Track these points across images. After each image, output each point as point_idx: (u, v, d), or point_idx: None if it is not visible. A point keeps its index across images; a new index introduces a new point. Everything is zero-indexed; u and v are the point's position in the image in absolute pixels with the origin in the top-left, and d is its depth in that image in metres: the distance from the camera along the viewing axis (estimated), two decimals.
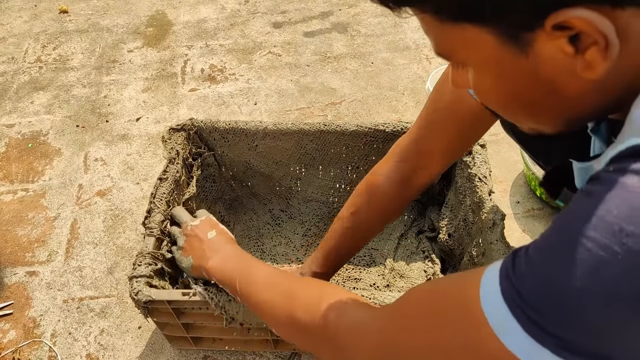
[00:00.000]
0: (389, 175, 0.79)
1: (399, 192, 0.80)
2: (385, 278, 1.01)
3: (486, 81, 0.41)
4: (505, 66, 0.38)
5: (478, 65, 0.41)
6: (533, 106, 0.41)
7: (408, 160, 0.77)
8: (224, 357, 0.93)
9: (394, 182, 0.79)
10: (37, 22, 1.85)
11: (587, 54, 0.34)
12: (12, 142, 1.39)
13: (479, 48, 0.38)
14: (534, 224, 1.14)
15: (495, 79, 0.40)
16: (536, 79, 0.38)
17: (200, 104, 1.49)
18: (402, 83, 1.53)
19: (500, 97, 0.42)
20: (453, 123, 0.70)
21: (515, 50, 0.37)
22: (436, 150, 0.74)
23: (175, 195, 0.94)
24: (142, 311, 0.78)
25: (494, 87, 0.41)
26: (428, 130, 0.74)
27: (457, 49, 0.40)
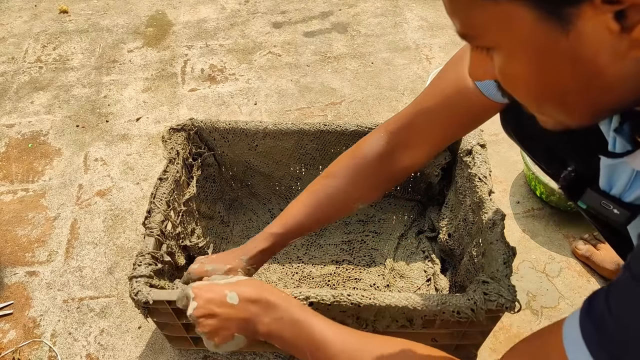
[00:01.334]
0: (372, 147, 0.75)
1: (381, 167, 0.76)
2: (385, 278, 1.01)
3: (518, 66, 0.38)
4: (542, 47, 0.35)
5: (510, 47, 0.37)
6: (567, 94, 0.38)
7: (394, 134, 0.74)
8: (224, 357, 0.93)
9: (376, 155, 0.75)
10: (37, 22, 1.85)
11: (636, 32, 0.32)
12: (12, 142, 1.39)
13: (513, 27, 0.35)
14: (534, 224, 1.14)
15: (528, 63, 0.37)
16: (575, 61, 0.35)
17: (200, 104, 1.49)
18: (402, 83, 1.53)
19: (531, 85, 0.39)
20: (446, 108, 0.69)
21: (555, 29, 0.34)
22: (427, 132, 0.73)
23: (175, 195, 0.94)
24: (142, 311, 0.78)
25: (526, 73, 0.38)
26: (418, 110, 0.72)
27: (488, 28, 0.37)
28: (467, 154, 0.94)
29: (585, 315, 0.38)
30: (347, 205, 0.79)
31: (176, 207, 0.94)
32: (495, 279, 0.74)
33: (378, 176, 0.77)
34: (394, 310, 0.73)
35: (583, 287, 1.02)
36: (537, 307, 1.00)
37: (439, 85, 0.70)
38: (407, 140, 0.74)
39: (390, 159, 0.75)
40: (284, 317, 0.62)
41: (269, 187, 1.13)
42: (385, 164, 0.75)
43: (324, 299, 0.73)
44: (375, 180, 0.77)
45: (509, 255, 0.76)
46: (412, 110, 0.73)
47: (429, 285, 1.00)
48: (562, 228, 1.13)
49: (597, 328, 0.36)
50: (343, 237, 1.09)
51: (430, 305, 0.72)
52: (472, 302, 0.71)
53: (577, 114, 0.40)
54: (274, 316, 0.63)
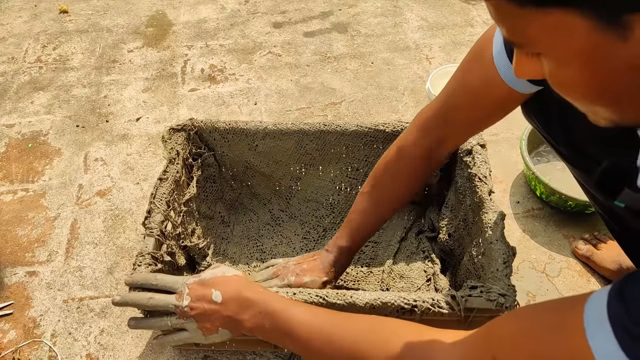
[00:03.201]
0: (413, 148, 0.81)
1: (422, 164, 0.83)
2: (384, 282, 1.01)
3: (571, 72, 0.37)
4: (598, 55, 0.34)
5: (564, 54, 0.36)
6: (623, 97, 0.38)
7: (430, 132, 0.79)
8: (224, 357, 0.93)
9: (418, 154, 0.81)
10: (37, 22, 1.85)
11: None
12: (12, 142, 1.39)
13: (566, 36, 0.34)
14: (534, 224, 1.14)
15: (583, 69, 0.36)
16: (633, 66, 0.34)
17: (200, 104, 1.49)
18: (402, 83, 1.53)
19: (586, 89, 0.38)
20: (475, 101, 0.70)
21: (612, 36, 0.33)
22: (457, 123, 0.76)
23: (175, 196, 0.94)
24: (142, 311, 0.78)
25: (580, 79, 0.37)
26: (449, 104, 0.75)
27: (539, 37, 0.36)
28: (467, 154, 0.94)
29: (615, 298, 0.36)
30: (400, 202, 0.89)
31: (176, 207, 0.94)
32: (495, 278, 0.74)
33: (421, 173, 0.84)
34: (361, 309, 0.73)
35: (583, 287, 1.02)
36: None
37: (466, 79, 0.71)
38: (442, 136, 0.79)
39: (431, 156, 0.82)
40: (262, 311, 0.67)
41: (269, 188, 1.13)
42: (428, 162, 0.83)
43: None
44: (419, 177, 0.85)
45: (509, 255, 0.76)
46: (442, 104, 0.76)
47: (429, 285, 1.00)
48: (562, 228, 1.13)
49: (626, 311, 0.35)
50: None
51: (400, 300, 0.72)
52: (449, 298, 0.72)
53: (631, 113, 0.40)
54: (253, 312, 0.67)
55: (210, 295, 0.69)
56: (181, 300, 0.70)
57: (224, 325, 0.70)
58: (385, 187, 0.84)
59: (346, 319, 0.63)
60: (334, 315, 0.64)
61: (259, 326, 0.67)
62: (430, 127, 0.79)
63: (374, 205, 0.85)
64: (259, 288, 0.70)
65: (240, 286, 0.70)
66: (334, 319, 0.64)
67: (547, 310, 0.43)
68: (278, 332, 0.65)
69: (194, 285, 0.71)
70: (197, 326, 0.70)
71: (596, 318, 0.36)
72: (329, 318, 0.64)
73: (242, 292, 0.69)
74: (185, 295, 0.70)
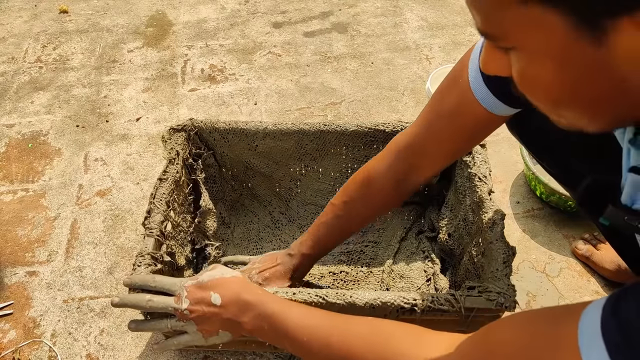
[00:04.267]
0: (385, 173, 0.79)
1: (394, 190, 0.80)
2: (384, 282, 1.01)
3: (540, 70, 0.36)
4: (571, 56, 0.34)
5: (535, 50, 0.36)
6: (590, 103, 0.37)
7: (404, 160, 0.77)
8: (224, 357, 0.93)
9: (390, 179, 0.79)
10: (37, 22, 1.85)
11: None
12: (12, 142, 1.39)
13: (543, 33, 0.34)
14: (534, 224, 1.14)
15: (553, 69, 0.36)
16: (604, 71, 0.34)
17: (200, 104, 1.49)
18: (402, 83, 1.53)
19: (553, 90, 0.37)
20: (454, 128, 0.69)
21: (588, 39, 0.32)
22: (433, 152, 0.74)
23: (175, 196, 0.94)
24: (141, 313, 0.78)
25: (549, 78, 0.36)
26: (427, 132, 0.73)
27: (514, 31, 0.35)
28: (467, 154, 0.94)
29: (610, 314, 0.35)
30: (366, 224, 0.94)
31: (176, 207, 0.94)
32: (495, 278, 0.74)
33: (392, 197, 0.83)
34: (361, 309, 0.73)
35: (583, 287, 1.02)
36: (537, 307, 1.00)
37: (443, 103, 0.70)
38: (417, 162, 0.76)
39: (401, 183, 0.79)
40: (261, 313, 0.66)
41: (269, 188, 1.13)
42: (397, 188, 0.80)
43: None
44: (390, 201, 0.84)
45: (509, 255, 0.76)
46: (419, 131, 0.74)
47: (429, 285, 1.00)
48: (562, 228, 1.13)
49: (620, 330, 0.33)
50: (342, 248, 1.08)
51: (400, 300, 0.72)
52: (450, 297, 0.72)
53: (596, 121, 0.39)
54: (252, 314, 0.67)
55: (209, 298, 0.69)
56: (180, 303, 0.70)
57: (224, 328, 0.70)
58: (355, 207, 0.83)
59: (344, 321, 0.63)
60: (332, 318, 0.64)
61: (259, 328, 0.67)
62: (405, 154, 0.77)
63: (342, 221, 0.85)
64: (258, 290, 0.70)
65: (239, 288, 0.69)
66: (332, 321, 0.63)
67: (543, 320, 0.42)
68: (277, 334, 0.65)
69: (193, 288, 0.70)
70: (197, 328, 0.70)
71: (590, 334, 0.35)
72: (327, 320, 0.64)
73: (241, 294, 0.68)
74: (184, 298, 0.70)
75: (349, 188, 0.84)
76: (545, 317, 0.43)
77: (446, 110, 0.69)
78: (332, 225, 0.86)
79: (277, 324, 0.65)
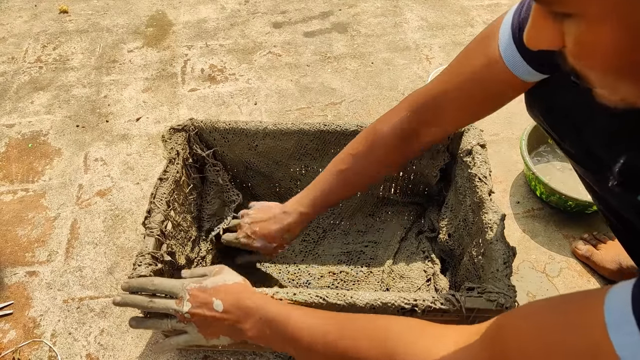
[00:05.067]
0: (395, 125, 0.76)
1: (402, 145, 0.78)
2: (384, 282, 1.01)
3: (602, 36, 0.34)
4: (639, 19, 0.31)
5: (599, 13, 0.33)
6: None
7: (419, 113, 0.74)
8: (224, 357, 0.93)
9: (399, 133, 0.76)
10: (37, 22, 1.85)
11: None
12: (12, 142, 1.39)
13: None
14: (534, 224, 1.14)
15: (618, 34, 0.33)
16: None
17: (200, 104, 1.49)
18: (402, 83, 1.53)
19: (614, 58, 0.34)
20: (475, 90, 0.67)
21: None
22: (447, 110, 0.71)
23: (175, 195, 0.94)
24: (142, 312, 0.78)
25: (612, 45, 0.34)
26: (445, 90, 0.70)
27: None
28: (467, 154, 0.94)
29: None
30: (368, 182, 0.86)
31: (176, 206, 0.94)
32: (495, 279, 0.74)
33: (398, 154, 0.80)
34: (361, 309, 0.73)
35: (583, 287, 1.02)
36: None
37: (466, 63, 0.68)
38: (430, 118, 0.74)
39: (411, 139, 0.77)
40: (262, 318, 0.66)
41: (269, 189, 1.13)
42: (406, 144, 0.78)
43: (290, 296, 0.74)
44: (396, 158, 0.81)
45: (509, 255, 0.76)
46: (437, 88, 0.72)
47: (429, 285, 1.00)
48: (562, 228, 1.13)
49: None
50: (342, 248, 1.08)
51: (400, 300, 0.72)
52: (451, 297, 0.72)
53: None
54: (253, 320, 0.67)
55: (211, 303, 0.68)
56: (181, 306, 0.70)
57: (225, 333, 0.70)
58: (359, 160, 0.81)
59: (346, 319, 0.62)
60: (334, 316, 0.64)
61: (261, 333, 0.66)
62: (418, 109, 0.74)
63: (345, 175, 0.82)
64: (259, 295, 0.70)
65: (241, 294, 0.69)
66: (334, 320, 0.63)
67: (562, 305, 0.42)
68: (279, 339, 0.65)
69: (195, 292, 0.70)
70: (197, 330, 0.70)
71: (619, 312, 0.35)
72: (329, 320, 0.63)
73: (243, 300, 0.68)
74: (186, 301, 0.69)
75: (354, 141, 0.82)
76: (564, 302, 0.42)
77: (470, 72, 0.66)
78: (333, 180, 0.83)
79: (279, 328, 0.64)
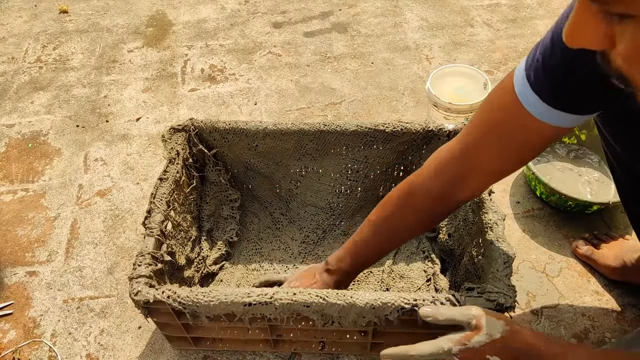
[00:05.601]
0: (428, 190, 0.73)
1: (437, 207, 0.76)
2: (384, 282, 1.01)
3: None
4: None
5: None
6: None
7: (448, 175, 0.70)
8: (224, 357, 0.93)
9: (432, 198, 0.73)
10: (37, 22, 1.85)
11: None
12: (12, 142, 1.39)
13: None
14: (534, 224, 1.14)
15: None
16: None
17: (200, 104, 1.49)
18: (402, 83, 1.53)
19: None
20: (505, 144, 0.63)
21: None
22: (483, 164, 0.67)
23: (175, 195, 0.94)
24: (142, 311, 0.78)
25: None
26: (474, 144, 0.66)
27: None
28: None
29: None
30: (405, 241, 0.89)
31: (176, 206, 0.94)
32: (495, 279, 0.74)
33: (434, 216, 0.78)
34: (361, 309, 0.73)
35: (583, 287, 1.02)
36: (537, 307, 1.00)
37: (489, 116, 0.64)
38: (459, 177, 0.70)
39: (446, 200, 0.74)
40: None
41: (269, 189, 1.13)
42: (441, 206, 0.75)
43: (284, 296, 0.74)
44: (432, 219, 0.79)
45: (509, 255, 0.76)
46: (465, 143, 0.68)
47: (429, 285, 1.00)
48: (562, 228, 1.13)
49: None
50: None
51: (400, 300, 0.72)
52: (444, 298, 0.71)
53: None
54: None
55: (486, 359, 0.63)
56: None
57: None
58: (393, 224, 0.79)
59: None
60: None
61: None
62: (447, 168, 0.70)
63: (380, 238, 0.81)
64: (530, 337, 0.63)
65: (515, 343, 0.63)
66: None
67: None
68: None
69: (465, 354, 0.64)
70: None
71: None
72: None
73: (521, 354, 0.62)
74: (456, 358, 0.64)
75: (387, 203, 0.79)
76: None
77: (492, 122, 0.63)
78: (370, 243, 0.82)
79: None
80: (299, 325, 0.79)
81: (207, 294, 0.75)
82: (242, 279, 1.03)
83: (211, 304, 0.74)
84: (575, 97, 0.55)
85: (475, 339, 0.63)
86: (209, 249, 1.04)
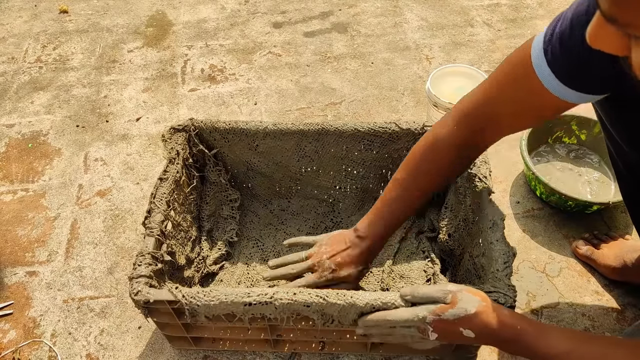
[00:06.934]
0: (449, 137, 0.77)
1: (458, 155, 0.79)
2: (384, 282, 1.01)
3: None
4: None
5: None
6: None
7: (469, 124, 0.75)
8: (224, 357, 0.93)
9: (454, 144, 0.77)
10: (37, 22, 1.85)
11: None
12: (12, 142, 1.39)
13: None
14: (534, 224, 1.14)
15: None
16: None
17: (200, 104, 1.49)
18: (402, 83, 1.53)
19: None
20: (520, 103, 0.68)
21: None
22: (500, 118, 0.72)
23: (175, 195, 0.94)
24: (142, 311, 0.78)
25: None
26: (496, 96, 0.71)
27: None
28: None
29: None
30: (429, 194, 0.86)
31: (176, 206, 0.94)
32: (495, 279, 0.74)
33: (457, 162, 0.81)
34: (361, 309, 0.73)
35: (583, 287, 1.02)
36: (537, 307, 1.00)
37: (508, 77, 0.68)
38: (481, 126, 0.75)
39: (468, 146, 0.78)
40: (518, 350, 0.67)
41: (269, 189, 1.13)
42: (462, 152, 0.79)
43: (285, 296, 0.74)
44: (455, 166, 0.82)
45: (509, 255, 0.76)
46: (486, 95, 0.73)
47: (429, 285, 1.00)
48: (562, 228, 1.13)
49: None
50: None
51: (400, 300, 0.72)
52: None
53: None
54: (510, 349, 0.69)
55: (459, 332, 0.68)
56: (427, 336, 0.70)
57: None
58: (420, 176, 0.82)
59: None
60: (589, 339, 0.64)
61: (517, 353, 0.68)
62: (470, 118, 0.75)
63: (408, 193, 0.83)
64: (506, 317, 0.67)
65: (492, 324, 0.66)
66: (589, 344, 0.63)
67: None
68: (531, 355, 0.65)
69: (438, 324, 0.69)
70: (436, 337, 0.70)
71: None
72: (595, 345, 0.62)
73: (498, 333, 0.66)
74: (431, 332, 0.69)
75: (411, 160, 0.82)
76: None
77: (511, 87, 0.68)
78: (398, 200, 0.83)
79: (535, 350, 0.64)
80: (299, 325, 0.79)
81: (207, 293, 0.75)
82: (242, 276, 1.03)
83: (211, 303, 0.74)
84: (590, 79, 0.59)
85: (450, 312, 0.67)
86: (209, 249, 1.04)
